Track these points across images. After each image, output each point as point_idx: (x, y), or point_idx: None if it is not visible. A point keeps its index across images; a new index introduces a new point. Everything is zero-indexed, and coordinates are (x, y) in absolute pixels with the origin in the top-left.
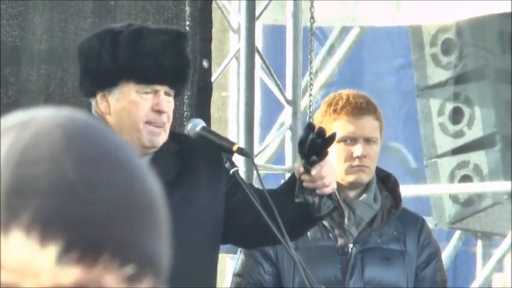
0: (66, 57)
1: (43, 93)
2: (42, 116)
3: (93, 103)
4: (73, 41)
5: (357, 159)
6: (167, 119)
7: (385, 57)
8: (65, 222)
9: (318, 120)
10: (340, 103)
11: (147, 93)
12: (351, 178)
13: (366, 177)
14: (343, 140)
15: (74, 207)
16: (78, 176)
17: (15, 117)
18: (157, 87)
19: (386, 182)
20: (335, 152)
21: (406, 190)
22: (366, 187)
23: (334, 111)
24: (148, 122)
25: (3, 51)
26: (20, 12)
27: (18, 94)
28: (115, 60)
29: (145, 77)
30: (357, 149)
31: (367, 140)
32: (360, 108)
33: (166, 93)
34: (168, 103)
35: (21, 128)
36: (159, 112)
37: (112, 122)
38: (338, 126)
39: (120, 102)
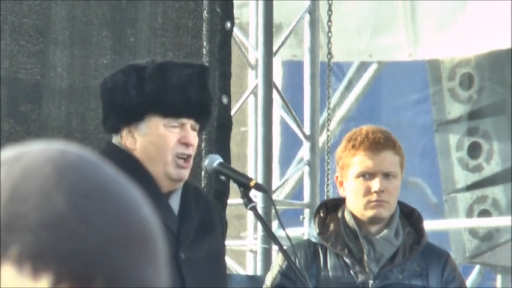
0: (87, 94)
1: (64, 130)
2: (33, 151)
3: (117, 139)
4: (93, 77)
5: (375, 194)
6: (193, 152)
7: (402, 91)
8: (57, 255)
9: (338, 156)
10: (359, 138)
11: (174, 126)
12: (369, 213)
13: (385, 212)
14: (362, 175)
15: (65, 241)
16: (69, 209)
17: (6, 153)
18: (184, 120)
19: (410, 217)
20: (353, 187)
21: (425, 225)
22: (388, 222)
23: (353, 146)
24: (175, 155)
25: (24, 88)
26: (41, 49)
27: (40, 131)
28: (142, 94)
29: (173, 110)
30: (375, 184)
31: (386, 175)
32: (378, 143)
33: (192, 127)
34: (194, 137)
35: (12, 164)
36: (186, 145)
37: (139, 156)
38: (356, 161)
39: (147, 137)
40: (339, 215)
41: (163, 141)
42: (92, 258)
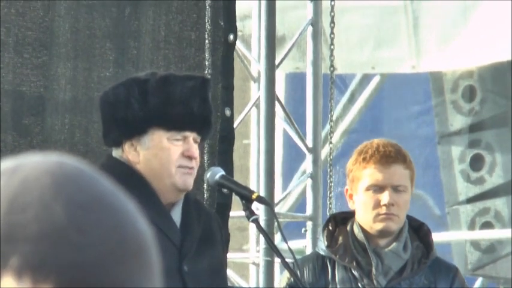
0: (90, 107)
1: (67, 142)
2: (31, 162)
3: (118, 152)
4: (96, 90)
5: (384, 207)
6: (195, 164)
7: (404, 103)
8: (56, 266)
9: (349, 169)
10: (370, 151)
11: (177, 140)
12: (378, 226)
13: (394, 225)
14: (371, 188)
15: (65, 252)
16: (68, 221)
17: (4, 164)
18: (187, 133)
19: (418, 231)
20: (363, 200)
21: None
22: (397, 236)
23: (364, 159)
24: (178, 166)
25: (28, 100)
26: (44, 61)
27: (43, 144)
28: (145, 108)
29: (176, 123)
30: (385, 197)
31: (396, 188)
32: (389, 156)
33: (194, 140)
34: (196, 149)
35: (10, 175)
36: (190, 158)
37: (142, 170)
38: (367, 174)
39: (150, 150)
40: (348, 228)
41: (167, 154)
42: (91, 269)
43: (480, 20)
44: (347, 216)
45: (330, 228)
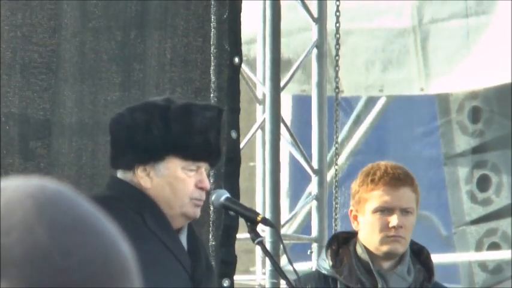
0: (97, 130)
1: (74, 165)
2: (12, 186)
3: (127, 175)
4: (103, 113)
5: (393, 230)
6: (205, 195)
7: (410, 124)
8: None
9: (355, 190)
10: (378, 173)
11: (191, 170)
12: (386, 248)
13: (401, 248)
14: (380, 210)
15: (49, 275)
16: (51, 243)
17: None
18: (201, 164)
19: (419, 254)
20: (370, 222)
21: (435, 258)
22: (400, 259)
23: (372, 181)
24: (193, 199)
25: (34, 124)
26: (50, 85)
27: (50, 167)
28: (166, 135)
29: (194, 154)
30: (394, 219)
31: (404, 211)
32: (398, 179)
33: (206, 170)
34: (208, 181)
35: None
36: (203, 189)
37: (152, 195)
38: (375, 196)
39: (164, 178)
40: (351, 248)
41: (181, 185)
42: None
43: (487, 41)
44: (349, 237)
45: (334, 247)
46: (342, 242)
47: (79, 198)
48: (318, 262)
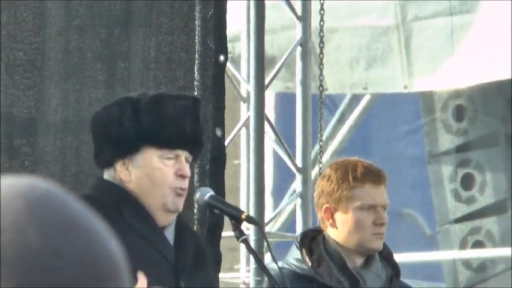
0: (82, 128)
1: (59, 163)
2: (2, 185)
3: (110, 173)
4: (88, 111)
5: (379, 226)
6: (187, 184)
7: (394, 123)
8: None
9: (332, 188)
10: (359, 171)
11: (169, 158)
12: (371, 245)
13: (382, 245)
14: (366, 207)
15: (40, 275)
16: (42, 244)
17: None
18: (179, 152)
19: (381, 251)
20: (355, 219)
21: (419, 256)
22: (371, 256)
23: (354, 178)
24: (173, 189)
25: (19, 122)
26: (35, 83)
27: (34, 165)
28: (137, 126)
29: (168, 142)
30: (381, 216)
31: (384, 208)
32: (379, 176)
33: (186, 159)
34: (188, 169)
35: None
36: (183, 177)
37: (134, 189)
38: (359, 193)
39: (142, 169)
40: (320, 246)
41: (159, 174)
42: None
43: (471, 40)
44: (315, 235)
45: (306, 247)
46: (310, 240)
47: (69, 197)
48: (289, 261)
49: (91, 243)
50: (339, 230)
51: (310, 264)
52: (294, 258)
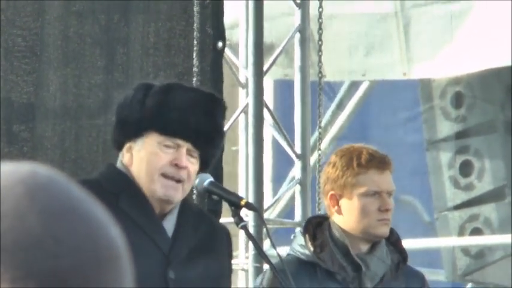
0: (80, 113)
1: (58, 149)
2: (3, 172)
3: (120, 156)
4: (87, 97)
5: (385, 212)
6: (187, 176)
7: (393, 109)
8: (33, 275)
9: (337, 174)
10: (364, 157)
11: (168, 146)
12: (377, 232)
13: (388, 231)
14: (371, 193)
15: (41, 261)
16: (43, 230)
17: None
18: (180, 142)
19: (389, 236)
20: (360, 205)
21: (417, 243)
22: (377, 242)
23: (359, 165)
24: (164, 175)
25: (18, 108)
26: (34, 68)
27: (33, 151)
28: (141, 110)
29: (168, 129)
30: (386, 203)
31: (389, 194)
32: (384, 162)
33: (189, 152)
34: (189, 162)
35: None
36: (178, 167)
37: (134, 173)
38: (364, 179)
39: (141, 152)
40: (326, 233)
41: (153, 159)
42: (67, 277)
43: (470, 27)
44: (321, 221)
45: (310, 233)
46: (315, 226)
47: (70, 184)
48: (294, 247)
49: (92, 230)
50: (345, 216)
51: (312, 249)
52: (298, 244)
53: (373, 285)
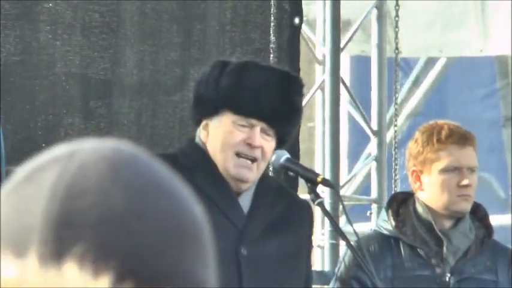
0: (157, 90)
1: (135, 125)
2: (87, 148)
3: (198, 132)
4: (163, 73)
5: (464, 188)
6: (261, 155)
7: (469, 86)
8: (116, 252)
9: (418, 151)
10: (444, 133)
11: (243, 126)
12: (457, 207)
13: (469, 206)
14: (450, 169)
15: (125, 237)
16: (126, 206)
17: (58, 150)
18: (254, 121)
19: (476, 212)
20: (439, 181)
21: (493, 220)
22: (461, 217)
23: (438, 140)
24: (238, 154)
25: (95, 84)
26: (111, 44)
27: (110, 126)
28: (216, 88)
29: (242, 108)
30: (465, 178)
31: (471, 170)
32: (465, 138)
33: (264, 131)
34: (264, 140)
35: (66, 161)
36: (251, 146)
37: (209, 151)
38: (443, 155)
39: (217, 131)
40: (410, 208)
41: (228, 137)
42: (149, 254)
43: None
44: (407, 197)
45: (394, 208)
46: (400, 203)
47: (153, 160)
48: (378, 223)
49: (174, 206)
50: (426, 192)
51: (394, 224)
52: (382, 219)
53: (455, 259)
